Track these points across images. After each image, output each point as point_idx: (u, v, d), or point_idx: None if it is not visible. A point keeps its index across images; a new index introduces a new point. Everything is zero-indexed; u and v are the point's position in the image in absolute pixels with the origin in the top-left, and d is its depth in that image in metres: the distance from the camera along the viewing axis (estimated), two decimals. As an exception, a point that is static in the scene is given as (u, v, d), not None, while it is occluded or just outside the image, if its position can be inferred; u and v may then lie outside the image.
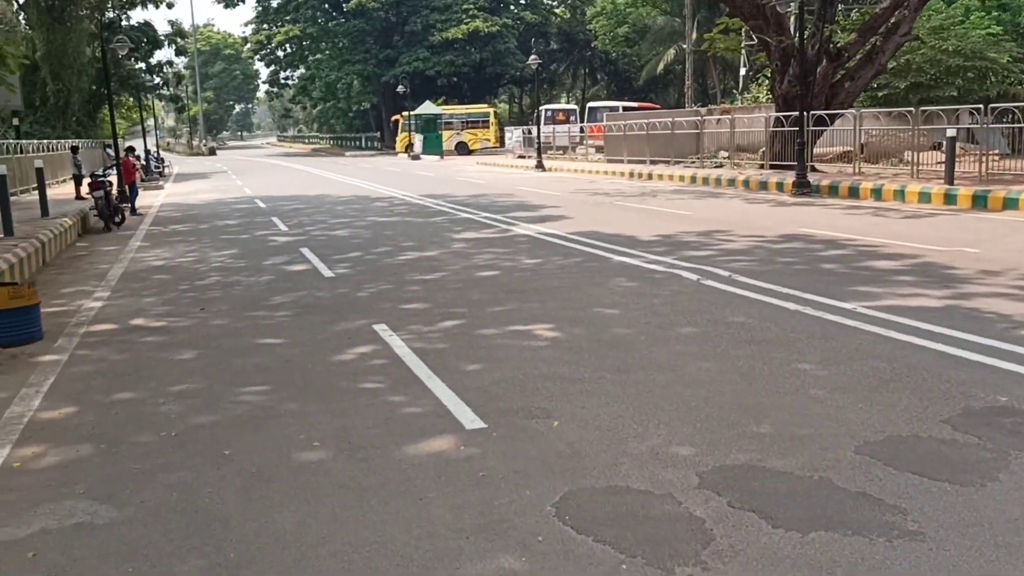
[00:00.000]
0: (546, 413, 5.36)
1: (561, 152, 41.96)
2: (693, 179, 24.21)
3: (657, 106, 48.08)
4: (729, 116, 27.46)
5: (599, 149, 38.19)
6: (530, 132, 44.79)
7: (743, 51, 37.24)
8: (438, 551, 3.66)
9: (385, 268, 11.39)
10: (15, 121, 33.51)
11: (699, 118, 29.08)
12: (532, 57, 34.16)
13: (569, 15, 69.02)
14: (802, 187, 19.16)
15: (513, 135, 45.86)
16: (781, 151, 23.28)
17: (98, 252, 14.76)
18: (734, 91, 43.53)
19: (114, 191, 19.51)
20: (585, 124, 45.52)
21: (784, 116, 22.83)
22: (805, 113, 19.95)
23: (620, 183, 25.75)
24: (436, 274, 10.67)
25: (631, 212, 17.09)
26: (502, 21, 62.17)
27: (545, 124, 42.97)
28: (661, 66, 53.95)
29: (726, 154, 27.67)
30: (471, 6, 61.94)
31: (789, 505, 3.94)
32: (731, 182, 22.42)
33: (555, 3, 71.01)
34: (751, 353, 6.46)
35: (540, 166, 33.35)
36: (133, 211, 21.09)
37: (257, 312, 8.91)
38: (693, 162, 28.22)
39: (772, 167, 23.46)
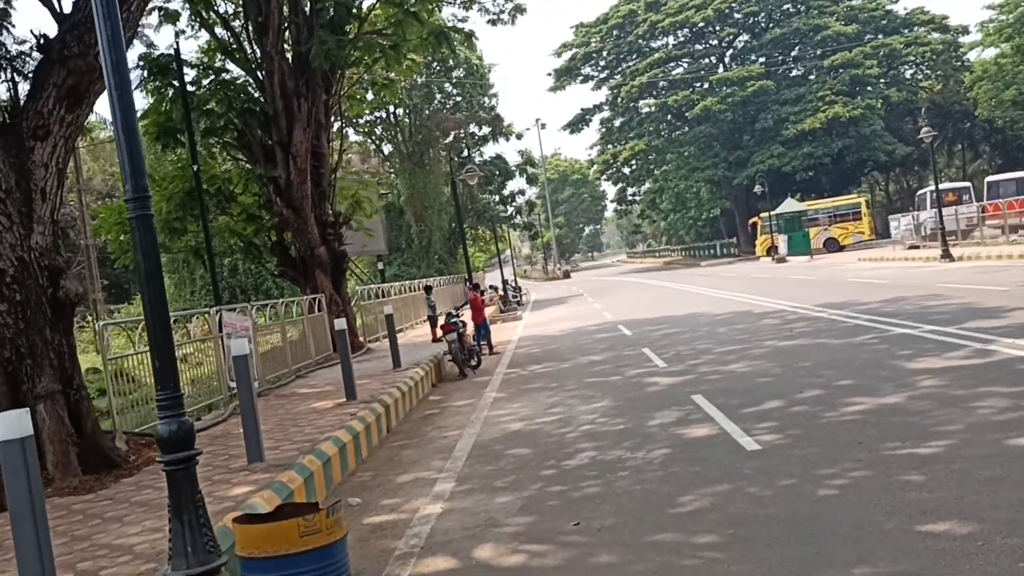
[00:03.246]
0: None
1: (958, 237, 35.50)
2: None
3: (1075, 170, 39.67)
4: None
5: (1011, 229, 31.69)
6: (917, 218, 38.81)
7: None
8: None
9: (834, 432, 7.51)
10: (380, 265, 34.34)
11: None
12: (925, 130, 28.71)
13: (940, 86, 61.29)
14: None
15: (900, 224, 39.99)
16: None
17: (449, 410, 12.38)
18: None
19: (469, 330, 17.63)
20: (985, 202, 38.59)
21: None
22: None
23: (1080, 267, 19.70)
24: (933, 444, 6.59)
25: None
26: (864, 103, 56.11)
27: (932, 207, 36.90)
28: (1071, 124, 45.19)
29: None
30: (827, 92, 56.75)
31: None
32: None
33: (923, 76, 63.74)
34: None
35: (947, 255, 27.58)
36: (490, 350, 19.16)
37: (663, 535, 5.47)
38: None
39: None
